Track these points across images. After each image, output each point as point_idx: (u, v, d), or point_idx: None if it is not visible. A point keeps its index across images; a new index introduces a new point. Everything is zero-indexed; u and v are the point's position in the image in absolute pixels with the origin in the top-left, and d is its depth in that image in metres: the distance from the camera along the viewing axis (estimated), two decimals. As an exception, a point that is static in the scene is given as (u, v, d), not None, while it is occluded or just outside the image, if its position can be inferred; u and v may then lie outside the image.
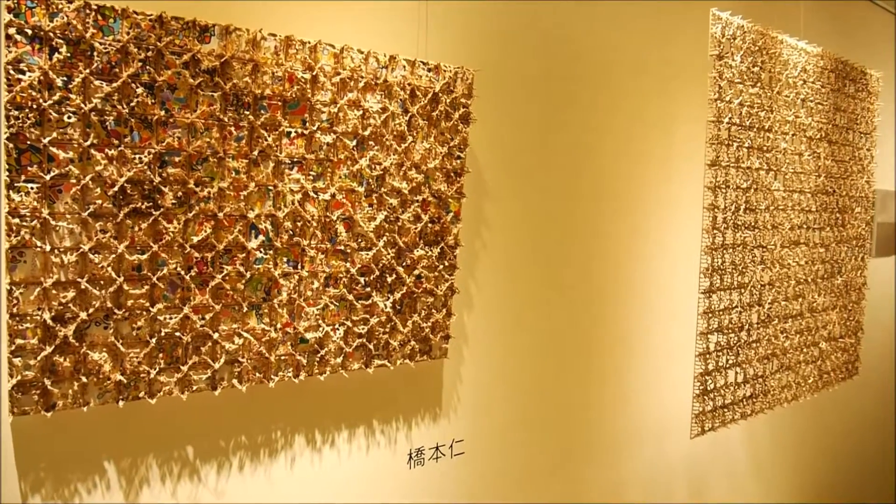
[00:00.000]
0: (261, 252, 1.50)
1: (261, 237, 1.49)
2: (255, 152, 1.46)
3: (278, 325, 1.54)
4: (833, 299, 3.02)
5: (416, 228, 1.73)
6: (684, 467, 2.70)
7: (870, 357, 3.69)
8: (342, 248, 1.62)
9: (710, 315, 2.28)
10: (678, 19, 2.45)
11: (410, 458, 1.90)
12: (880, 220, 3.99)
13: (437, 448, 1.96)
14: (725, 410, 2.41)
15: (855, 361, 3.32)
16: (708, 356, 2.30)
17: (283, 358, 1.56)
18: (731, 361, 2.39)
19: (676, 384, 2.52)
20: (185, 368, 1.42)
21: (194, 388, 1.45)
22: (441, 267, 1.79)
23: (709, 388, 2.31)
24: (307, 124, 1.53)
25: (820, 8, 3.18)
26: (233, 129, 1.43)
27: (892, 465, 4.18)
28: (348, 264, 1.63)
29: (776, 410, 2.98)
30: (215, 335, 1.45)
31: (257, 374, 1.52)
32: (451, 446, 1.99)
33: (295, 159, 1.52)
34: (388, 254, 1.69)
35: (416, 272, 1.74)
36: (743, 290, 2.41)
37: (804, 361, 2.86)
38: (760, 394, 2.58)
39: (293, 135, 1.52)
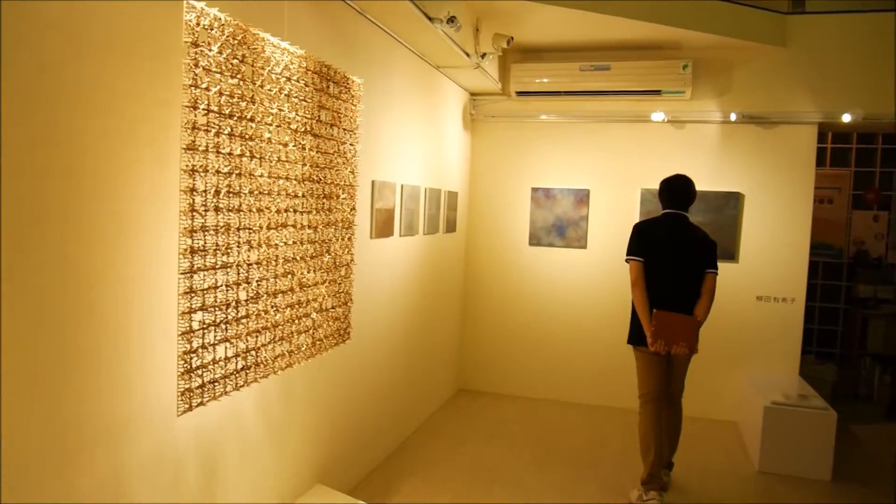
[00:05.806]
0: None
1: None
2: None
3: None
4: (323, 275, 3.44)
5: None
6: (194, 444, 2.73)
7: (361, 323, 4.32)
8: None
9: (193, 294, 2.35)
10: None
11: None
12: (378, 207, 4.67)
13: None
14: (216, 385, 2.52)
15: (347, 328, 3.84)
16: (192, 335, 2.37)
17: None
18: (219, 338, 2.52)
19: (167, 365, 2.52)
20: None
21: None
22: None
23: (195, 366, 2.39)
24: None
25: (309, 14, 3.53)
26: None
27: (394, 409, 4.98)
28: None
29: (282, 376, 3.26)
30: None
31: None
32: None
33: None
34: None
35: None
36: (229, 270, 2.56)
37: (297, 332, 3.19)
38: (253, 365, 2.79)
39: None
